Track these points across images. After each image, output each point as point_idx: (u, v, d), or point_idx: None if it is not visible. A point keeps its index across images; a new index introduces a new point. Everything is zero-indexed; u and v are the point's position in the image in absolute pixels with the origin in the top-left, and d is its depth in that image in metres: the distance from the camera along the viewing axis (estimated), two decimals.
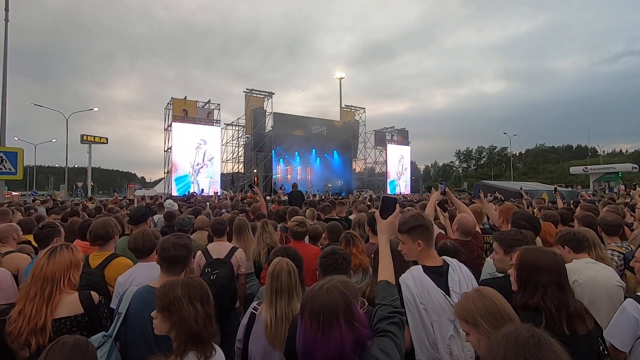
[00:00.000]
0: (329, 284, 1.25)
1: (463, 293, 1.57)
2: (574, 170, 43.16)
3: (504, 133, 52.15)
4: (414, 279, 1.91)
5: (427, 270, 1.93)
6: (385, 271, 1.60)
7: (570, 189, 22.45)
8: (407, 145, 38.63)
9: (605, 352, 1.62)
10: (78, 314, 1.95)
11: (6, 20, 11.36)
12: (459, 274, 1.98)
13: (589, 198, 9.96)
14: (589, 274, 2.24)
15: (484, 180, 36.17)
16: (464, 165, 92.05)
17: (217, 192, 20.29)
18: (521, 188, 13.45)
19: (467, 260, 2.92)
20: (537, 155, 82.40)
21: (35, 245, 3.22)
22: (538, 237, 2.91)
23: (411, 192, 35.70)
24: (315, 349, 1.17)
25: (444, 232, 3.43)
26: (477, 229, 3.22)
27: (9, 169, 10.00)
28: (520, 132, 79.43)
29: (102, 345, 1.76)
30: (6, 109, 11.13)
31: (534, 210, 6.75)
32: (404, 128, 38.86)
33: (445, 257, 2.07)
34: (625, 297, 2.08)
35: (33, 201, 13.13)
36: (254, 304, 2.11)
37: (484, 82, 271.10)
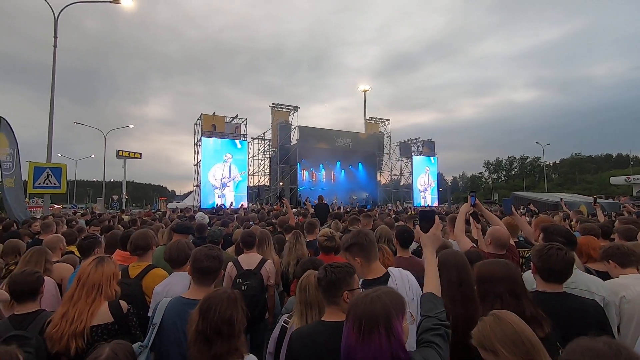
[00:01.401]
0: (374, 293, 1.30)
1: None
2: (614, 180, 40.74)
3: (537, 142, 50.14)
4: None
5: (365, 283, 2.02)
6: (431, 283, 1.60)
7: (611, 200, 21.16)
8: (434, 156, 37.93)
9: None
10: (108, 322, 2.03)
11: (54, 46, 12.31)
12: (398, 282, 2.07)
13: (634, 210, 9.32)
14: (639, 290, 2.10)
15: (517, 192, 34.68)
16: (494, 176, 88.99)
17: (245, 205, 20.68)
18: (561, 199, 12.79)
19: None
20: (574, 165, 78.30)
21: (79, 255, 3.41)
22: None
23: (439, 204, 34.83)
24: (355, 354, 1.22)
25: (475, 246, 3.33)
26: (512, 242, 3.10)
27: (54, 184, 10.70)
28: (554, 141, 76.01)
29: (139, 356, 1.82)
30: (52, 128, 11.96)
31: (571, 223, 6.41)
32: (430, 139, 38.25)
33: (390, 269, 2.17)
34: None
35: (74, 213, 13.91)
36: (284, 316, 2.13)
37: (514, 91, 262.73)
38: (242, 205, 20.57)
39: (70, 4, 13.05)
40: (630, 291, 2.09)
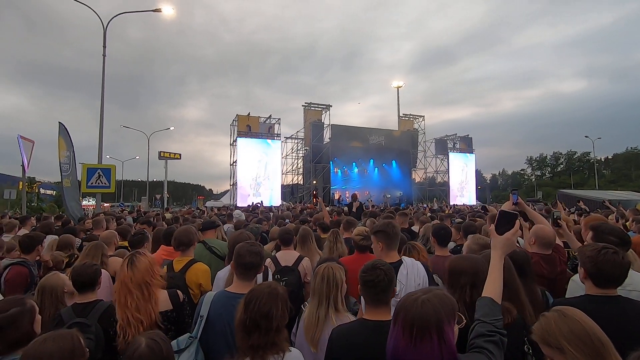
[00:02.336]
0: (425, 296, 1.27)
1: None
2: None
3: (586, 136, 46.71)
4: None
5: None
6: (492, 288, 1.54)
7: None
8: (471, 152, 36.51)
9: (530, 352, 1.66)
10: (168, 309, 2.17)
11: (104, 55, 13.24)
12: (409, 269, 2.47)
13: None
14: None
15: (564, 189, 32.47)
16: (538, 173, 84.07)
17: (280, 204, 21.05)
18: (604, 201, 11.79)
19: (549, 275, 2.67)
20: (629, 160, 71.87)
21: (129, 250, 3.64)
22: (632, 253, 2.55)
23: (477, 202, 33.49)
24: (405, 358, 1.20)
25: (519, 245, 3.17)
26: (559, 241, 2.93)
27: (105, 184, 11.49)
28: (606, 134, 69.90)
29: (190, 346, 1.90)
30: (103, 131, 12.86)
31: (626, 223, 5.94)
32: (467, 135, 36.87)
33: (403, 257, 2.59)
34: None
35: (121, 211, 14.88)
36: (306, 302, 2.27)
37: (561, 82, 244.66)
38: (273, 205, 20.94)
39: (118, 15, 13.95)
40: None
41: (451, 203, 30.05)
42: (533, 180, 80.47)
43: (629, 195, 23.09)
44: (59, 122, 11.30)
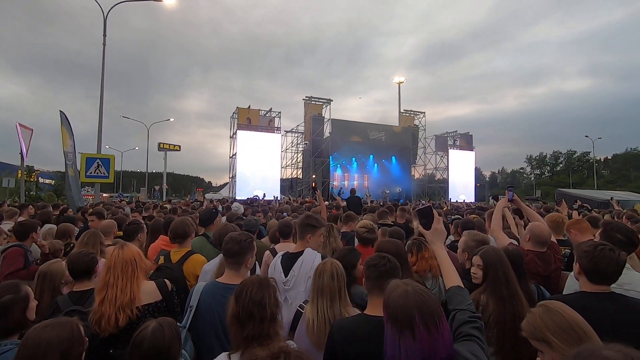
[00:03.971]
0: (413, 288, 1.30)
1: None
2: None
3: (586, 136, 46.67)
4: (274, 260, 2.69)
5: (285, 255, 2.67)
6: (451, 277, 1.59)
7: None
8: (471, 150, 36.49)
9: None
10: (158, 300, 2.15)
11: (104, 44, 13.13)
12: (305, 261, 2.54)
13: None
14: None
15: (562, 188, 32.53)
16: (537, 172, 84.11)
17: (277, 197, 21.06)
18: (612, 198, 11.87)
19: (543, 272, 2.69)
20: (628, 161, 71.82)
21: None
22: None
23: (475, 200, 33.53)
24: (435, 353, 1.20)
25: (516, 243, 3.18)
26: (553, 239, 2.94)
27: (104, 173, 11.49)
28: (607, 134, 69.37)
29: None
30: (102, 121, 12.80)
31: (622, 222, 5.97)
32: (468, 132, 36.83)
33: (307, 249, 2.62)
34: None
35: (120, 202, 14.88)
36: (302, 302, 2.16)
37: (566, 80, 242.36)
38: (274, 197, 20.95)
39: (118, 3, 13.80)
40: None
41: (450, 200, 30.12)
42: (532, 179, 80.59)
43: (627, 195, 23.16)
44: (60, 111, 11.26)
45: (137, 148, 54.42)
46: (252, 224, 3.84)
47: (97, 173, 11.42)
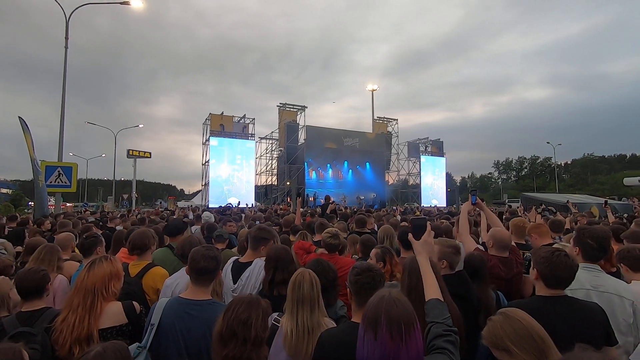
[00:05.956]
0: (391, 295, 1.31)
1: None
2: (628, 181, 39.76)
3: (547, 142, 49.36)
4: (225, 267, 2.79)
5: (236, 263, 2.83)
6: (432, 290, 1.61)
7: (624, 200, 20.72)
8: (442, 156, 37.61)
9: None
10: (123, 323, 2.02)
11: (66, 47, 12.54)
12: (253, 270, 2.69)
13: None
14: None
15: (527, 192, 34.12)
16: (504, 176, 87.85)
17: (251, 204, 20.76)
18: (568, 201, 12.56)
19: (506, 276, 2.77)
20: (586, 166, 76.70)
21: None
22: None
23: (447, 204, 34.53)
24: (397, 358, 1.21)
25: (484, 249, 3.27)
26: (514, 244, 3.04)
27: (65, 182, 10.91)
28: (567, 141, 74.18)
29: (137, 356, 1.79)
30: (64, 127, 12.18)
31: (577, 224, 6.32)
32: (439, 139, 37.94)
33: (256, 259, 2.77)
34: None
35: (84, 212, 14.16)
36: (275, 315, 2.06)
37: (528, 89, 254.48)
38: (246, 205, 20.66)
39: (81, 6, 13.27)
40: None
41: (422, 205, 30.83)
42: (499, 183, 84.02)
43: (584, 198, 24.57)
44: (20, 118, 10.63)
45: (104, 155, 52.31)
46: (223, 234, 3.75)
47: (58, 182, 10.85)
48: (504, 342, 1.31)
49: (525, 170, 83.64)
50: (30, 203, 37.82)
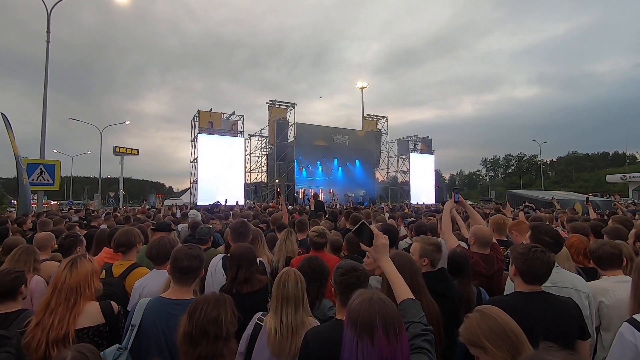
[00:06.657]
0: (377, 296, 1.32)
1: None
2: (610, 178, 40.92)
3: (534, 140, 50.29)
4: (216, 262, 2.98)
5: (226, 258, 2.78)
6: (402, 290, 1.62)
7: (606, 197, 21.26)
8: (431, 154, 37.96)
9: None
10: (100, 323, 1.98)
11: (47, 42, 12.21)
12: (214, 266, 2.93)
13: (624, 208, 9.37)
14: (619, 296, 2.07)
15: (513, 189, 34.74)
16: (491, 173, 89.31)
17: (240, 202, 20.62)
18: (552, 198, 12.83)
19: (487, 273, 2.82)
20: (570, 163, 78.64)
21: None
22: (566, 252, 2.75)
23: (435, 202, 34.91)
24: (391, 357, 1.22)
25: (466, 246, 3.31)
26: (494, 240, 3.09)
27: (48, 180, 10.65)
28: (553, 139, 75.72)
29: (118, 358, 1.76)
30: (46, 124, 11.88)
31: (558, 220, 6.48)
32: (428, 136, 38.27)
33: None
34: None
35: (68, 210, 13.87)
36: (259, 314, 2.06)
37: (515, 88, 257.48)
38: (237, 202, 20.51)
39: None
40: (609, 296, 2.09)
41: (411, 202, 31.10)
42: (487, 180, 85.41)
43: (568, 195, 25.16)
44: (2, 114, 10.33)
45: (89, 152, 51.36)
46: (204, 232, 3.71)
47: (41, 180, 10.59)
48: (479, 340, 1.32)
49: (512, 167, 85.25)
50: (13, 201, 36.90)
